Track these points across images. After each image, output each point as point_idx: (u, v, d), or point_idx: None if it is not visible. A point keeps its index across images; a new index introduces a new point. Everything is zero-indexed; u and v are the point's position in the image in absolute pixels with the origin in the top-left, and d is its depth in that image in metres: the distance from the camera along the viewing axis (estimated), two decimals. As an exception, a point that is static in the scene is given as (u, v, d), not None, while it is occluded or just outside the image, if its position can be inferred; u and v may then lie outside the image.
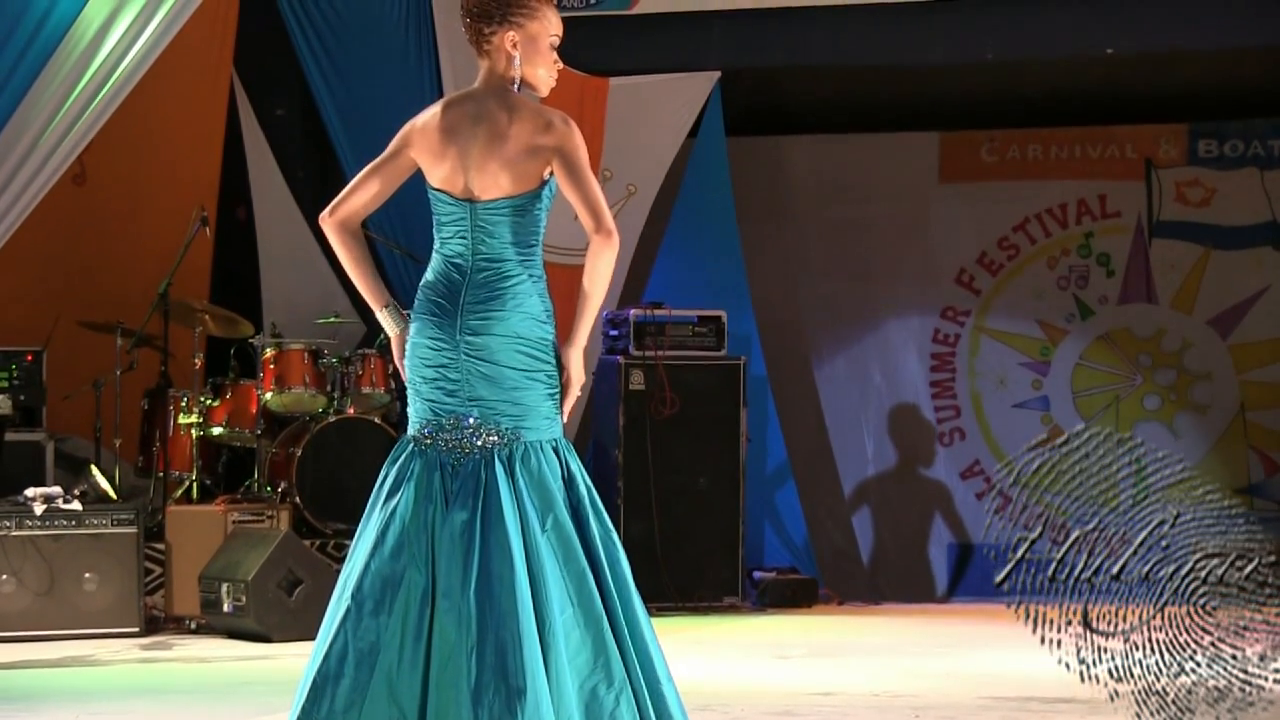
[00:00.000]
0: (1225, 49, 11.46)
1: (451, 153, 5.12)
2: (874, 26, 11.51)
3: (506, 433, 5.03)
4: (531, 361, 5.07)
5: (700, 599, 11.04)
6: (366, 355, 11.00)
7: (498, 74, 5.20)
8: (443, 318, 5.06)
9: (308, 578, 9.64)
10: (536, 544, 4.95)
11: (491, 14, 5.21)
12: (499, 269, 5.10)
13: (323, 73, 11.76)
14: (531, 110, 5.10)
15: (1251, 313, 12.23)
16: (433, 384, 5.07)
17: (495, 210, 5.09)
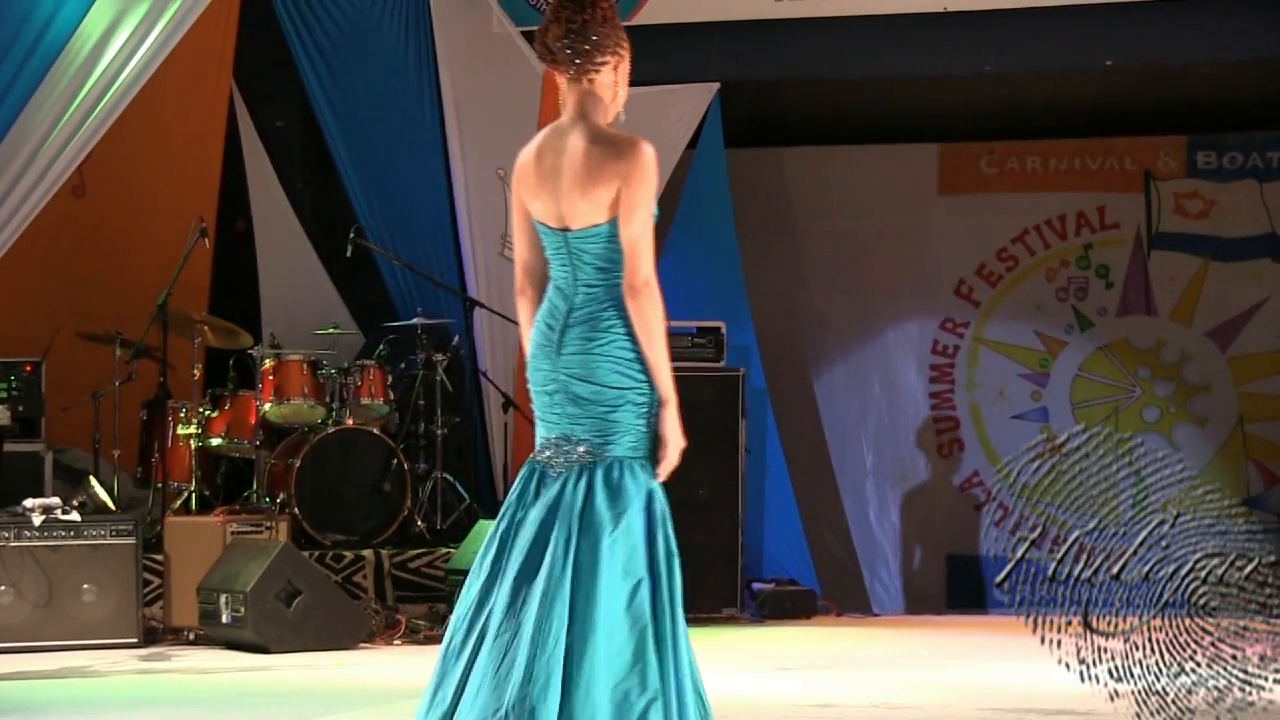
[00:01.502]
0: (1224, 62, 11.48)
1: (544, 186, 5.18)
2: (873, 39, 11.52)
3: (597, 448, 5.16)
4: (623, 380, 5.16)
5: (699, 610, 11.02)
6: (365, 366, 11.00)
7: (592, 101, 5.25)
8: (548, 343, 5.18)
9: (306, 589, 9.63)
10: (598, 549, 5.10)
11: (606, 45, 5.26)
12: (596, 294, 5.16)
13: (322, 84, 11.77)
14: (609, 138, 5.16)
15: (1250, 325, 12.23)
16: (544, 405, 5.21)
17: (587, 238, 5.14)
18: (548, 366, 5.17)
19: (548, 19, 5.25)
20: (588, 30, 5.21)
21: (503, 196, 11.91)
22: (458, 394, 11.44)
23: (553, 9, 5.26)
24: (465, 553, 10.51)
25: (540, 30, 5.28)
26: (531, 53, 11.86)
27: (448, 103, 11.84)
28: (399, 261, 11.65)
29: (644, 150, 5.11)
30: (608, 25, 5.24)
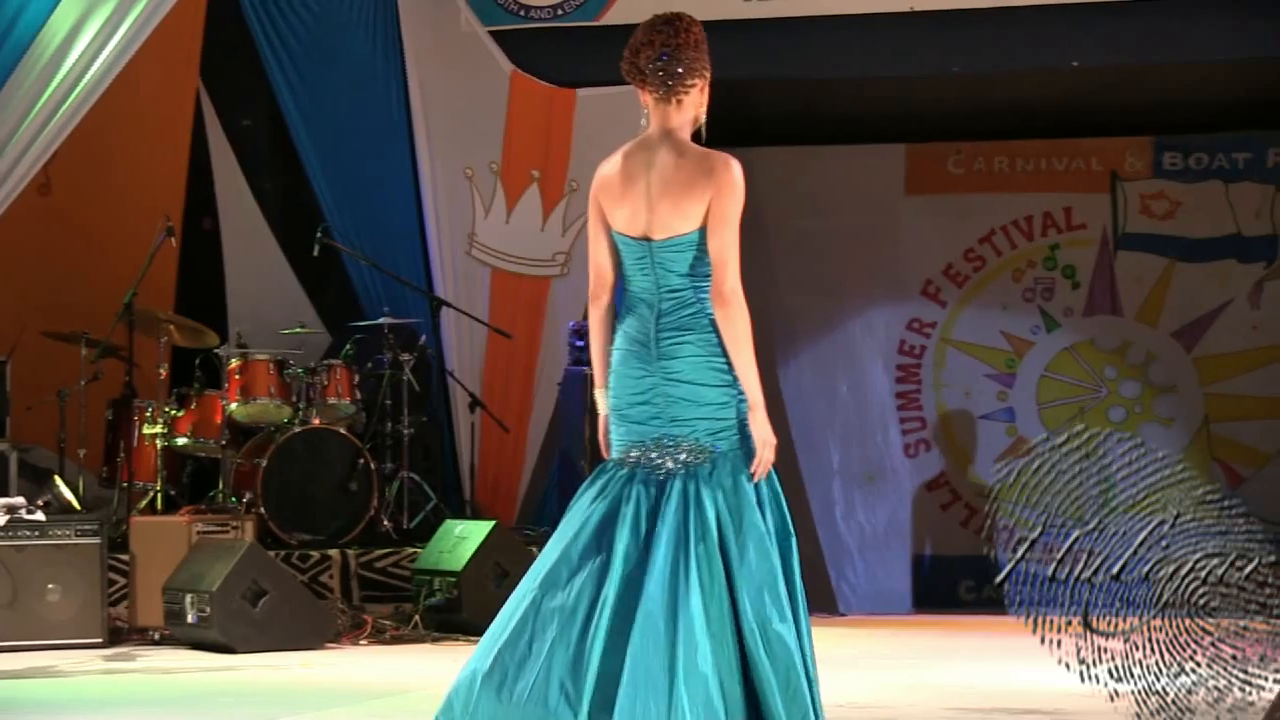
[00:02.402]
0: (1190, 63, 11.51)
1: (629, 197, 5.45)
2: (842, 39, 11.53)
3: (705, 447, 5.36)
4: (721, 377, 5.38)
5: (666, 610, 11.01)
6: (332, 366, 10.98)
7: (679, 118, 5.53)
8: (641, 349, 5.41)
9: (272, 589, 9.61)
10: (730, 546, 5.28)
11: (696, 68, 5.51)
12: (682, 298, 5.39)
13: (289, 83, 11.75)
14: (698, 154, 5.45)
15: (1216, 325, 12.26)
16: (638, 410, 5.41)
17: (671, 248, 5.39)
18: (641, 372, 5.40)
19: (640, 40, 5.50)
20: (681, 54, 5.48)
21: (470, 195, 11.91)
22: (424, 394, 11.42)
23: (646, 31, 5.51)
24: (431, 552, 10.50)
25: (630, 50, 5.53)
26: (499, 52, 11.87)
27: (415, 102, 11.82)
28: (366, 261, 11.64)
29: (734, 165, 5.41)
30: (698, 50, 5.51)
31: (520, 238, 11.95)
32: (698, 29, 5.52)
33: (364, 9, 11.80)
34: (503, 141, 11.90)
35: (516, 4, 11.94)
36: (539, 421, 11.92)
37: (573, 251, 11.96)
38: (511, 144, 11.91)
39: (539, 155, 11.93)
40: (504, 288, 11.95)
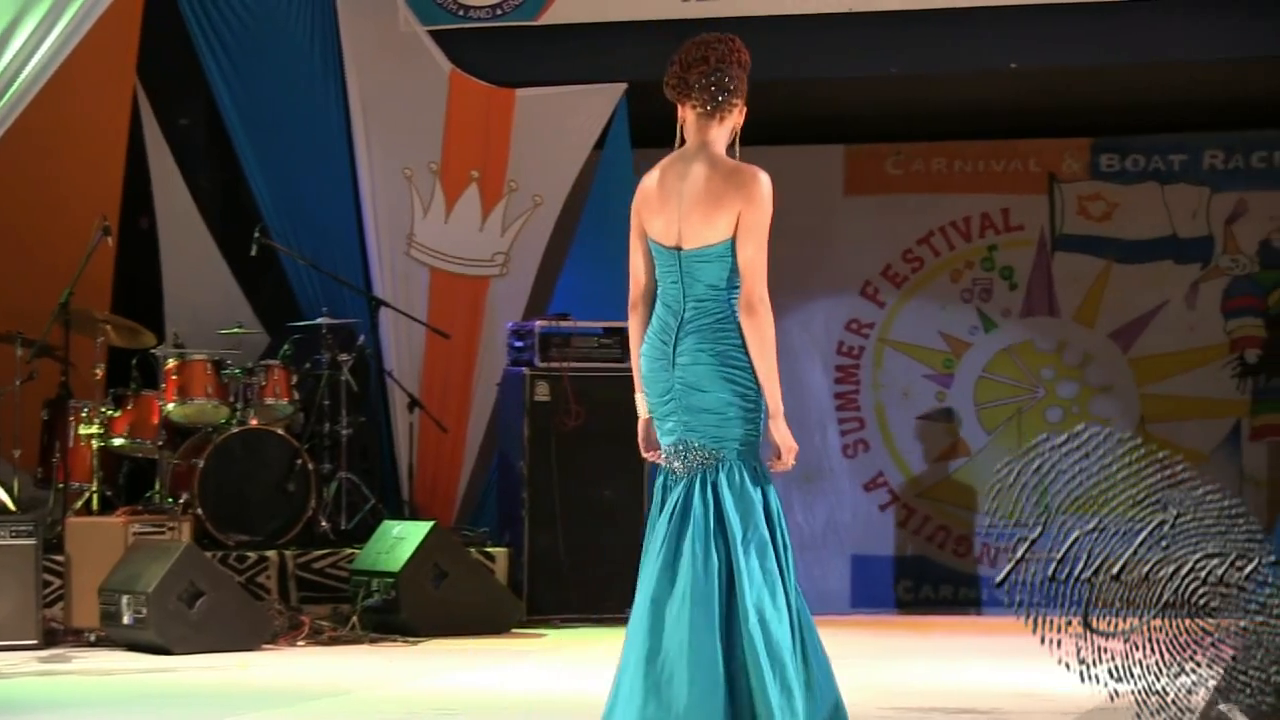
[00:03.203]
0: (1126, 65, 11.56)
1: (664, 209, 5.71)
2: (780, 40, 11.53)
3: (713, 453, 5.64)
4: (734, 387, 5.63)
5: (604, 610, 11.01)
6: (270, 366, 10.95)
7: (717, 134, 5.77)
8: (663, 356, 5.70)
9: (209, 590, 9.57)
10: (739, 555, 5.56)
11: (740, 88, 5.80)
12: (705, 308, 5.64)
13: (227, 82, 11.71)
14: (730, 167, 5.69)
15: (1152, 326, 12.33)
16: (664, 414, 5.73)
17: (700, 257, 5.63)
18: (664, 377, 5.70)
19: (692, 56, 5.79)
20: (729, 72, 5.78)
21: (408, 195, 11.88)
22: (363, 394, 11.39)
23: (699, 48, 5.81)
24: (369, 553, 10.48)
25: (680, 65, 5.80)
26: (438, 51, 11.84)
27: (354, 101, 11.79)
28: (304, 260, 11.60)
29: (762, 179, 5.64)
30: (744, 70, 5.81)
31: (459, 238, 11.93)
32: (746, 52, 5.82)
33: (302, 8, 11.76)
34: (442, 141, 11.88)
35: (455, 4, 11.92)
36: (478, 422, 11.91)
37: (512, 252, 11.94)
38: (450, 144, 11.89)
39: (478, 155, 11.91)
40: (443, 288, 11.93)
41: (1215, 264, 12.29)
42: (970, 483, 12.43)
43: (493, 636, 10.32)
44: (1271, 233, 12.24)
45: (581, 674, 9.10)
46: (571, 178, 11.96)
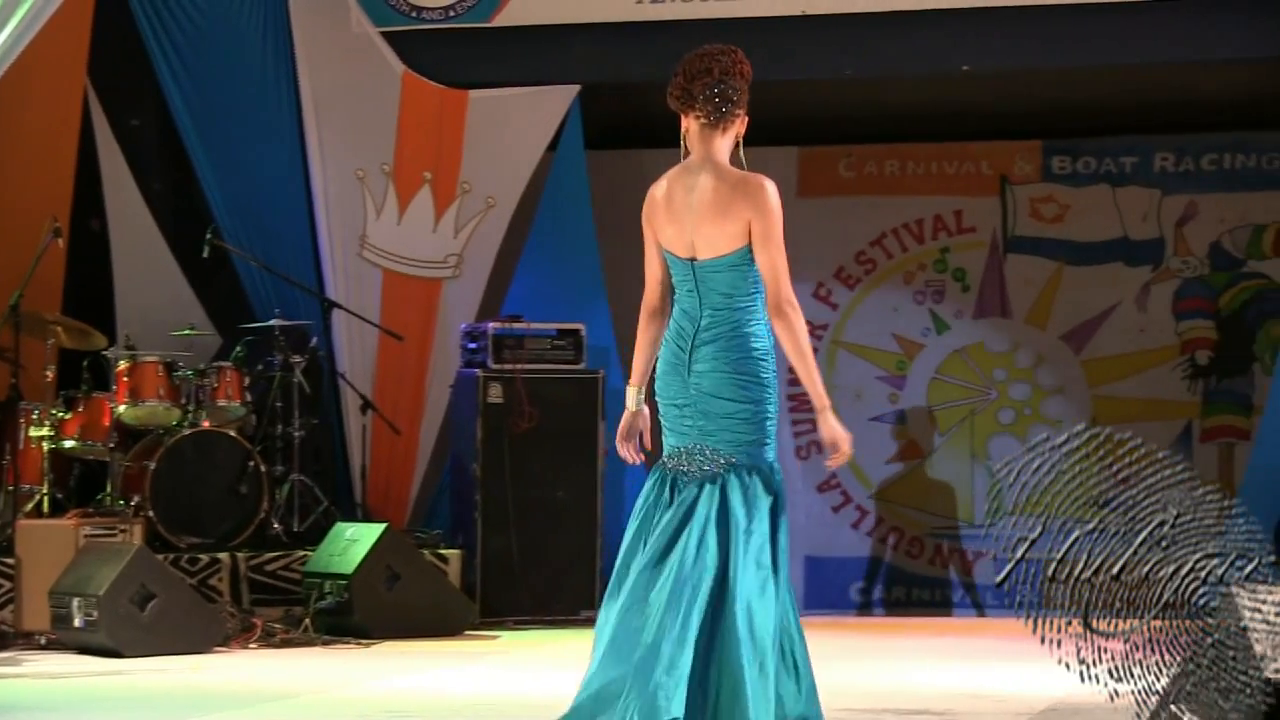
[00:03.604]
0: (1077, 68, 11.60)
1: (674, 218, 5.85)
2: (733, 42, 11.47)
3: (728, 456, 5.79)
4: (747, 394, 5.78)
5: (557, 612, 11.03)
6: (222, 368, 10.92)
7: (721, 144, 5.92)
8: (679, 363, 5.84)
9: (161, 592, 9.54)
10: (738, 546, 5.70)
11: (743, 99, 5.94)
12: (721, 316, 5.79)
13: (178, 83, 11.67)
14: (737, 178, 5.84)
15: (1103, 328, 12.37)
16: (676, 419, 5.86)
17: (714, 267, 5.79)
18: (679, 383, 5.83)
19: (697, 67, 5.94)
20: (732, 84, 5.93)
21: (361, 197, 11.86)
22: (315, 396, 11.37)
23: (703, 59, 5.97)
24: (322, 555, 10.46)
25: (684, 76, 5.95)
26: (390, 53, 11.82)
27: (306, 102, 11.77)
28: (256, 262, 11.57)
29: (769, 186, 5.81)
30: (747, 81, 5.96)
31: (412, 239, 11.91)
32: (748, 63, 5.97)
33: (254, 9, 11.72)
34: (394, 143, 11.86)
35: (408, 5, 11.91)
36: (431, 424, 11.89)
37: (465, 253, 11.93)
38: (403, 145, 11.87)
39: (431, 157, 11.89)
40: (396, 289, 11.91)
41: (1166, 266, 12.34)
42: (924, 484, 12.46)
43: (446, 638, 10.31)
44: (1222, 235, 12.30)
45: (534, 675, 9.10)
46: (525, 179, 11.95)
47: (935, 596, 12.34)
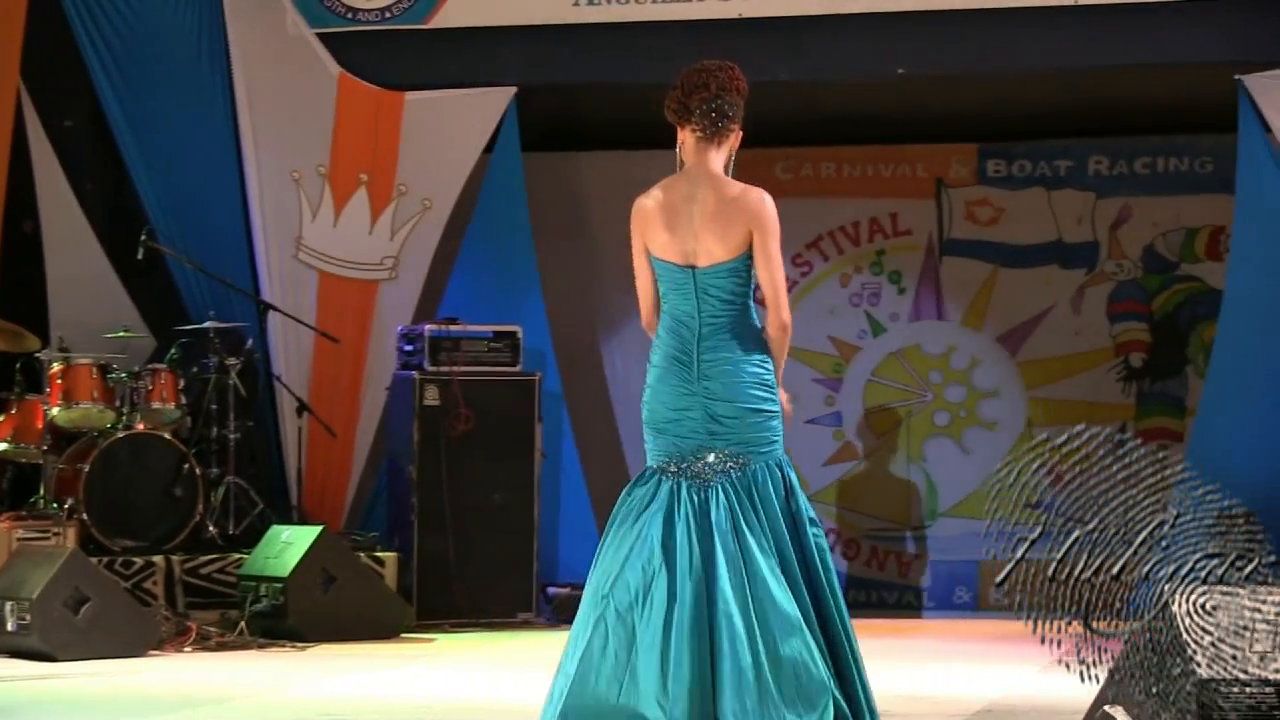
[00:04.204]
0: (1013, 71, 11.64)
1: (671, 227, 6.01)
2: (670, 44, 11.55)
3: (740, 456, 5.94)
4: (757, 396, 5.98)
5: (494, 615, 11.02)
6: (156, 370, 10.87)
7: (717, 156, 6.11)
8: (683, 369, 5.98)
9: (95, 596, 9.49)
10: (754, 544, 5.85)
11: (739, 113, 6.14)
12: (721, 322, 5.98)
13: (112, 84, 11.62)
14: (737, 190, 6.02)
15: (1039, 330, 12.42)
16: (677, 423, 5.97)
17: (713, 274, 5.97)
18: (683, 390, 5.97)
19: (695, 81, 6.12)
20: (728, 99, 6.11)
21: (297, 199, 11.82)
22: (251, 398, 11.33)
23: (700, 74, 6.13)
24: (258, 558, 10.42)
25: (682, 90, 6.12)
26: (326, 54, 11.79)
27: (241, 104, 11.72)
28: (191, 264, 11.52)
29: (768, 200, 5.99)
30: (743, 97, 6.15)
31: (348, 241, 11.88)
32: (744, 79, 6.17)
33: (189, 10, 11.67)
34: (330, 144, 11.83)
35: (344, 6, 11.88)
36: (367, 426, 11.86)
37: (401, 255, 11.90)
38: (339, 147, 11.84)
39: (367, 158, 11.86)
40: (332, 291, 11.87)
41: (1101, 269, 12.40)
42: (860, 487, 12.49)
43: (382, 641, 10.29)
44: (1155, 238, 12.37)
45: (471, 678, 9.09)
46: (461, 181, 11.93)
47: (873, 599, 12.38)
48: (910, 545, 12.45)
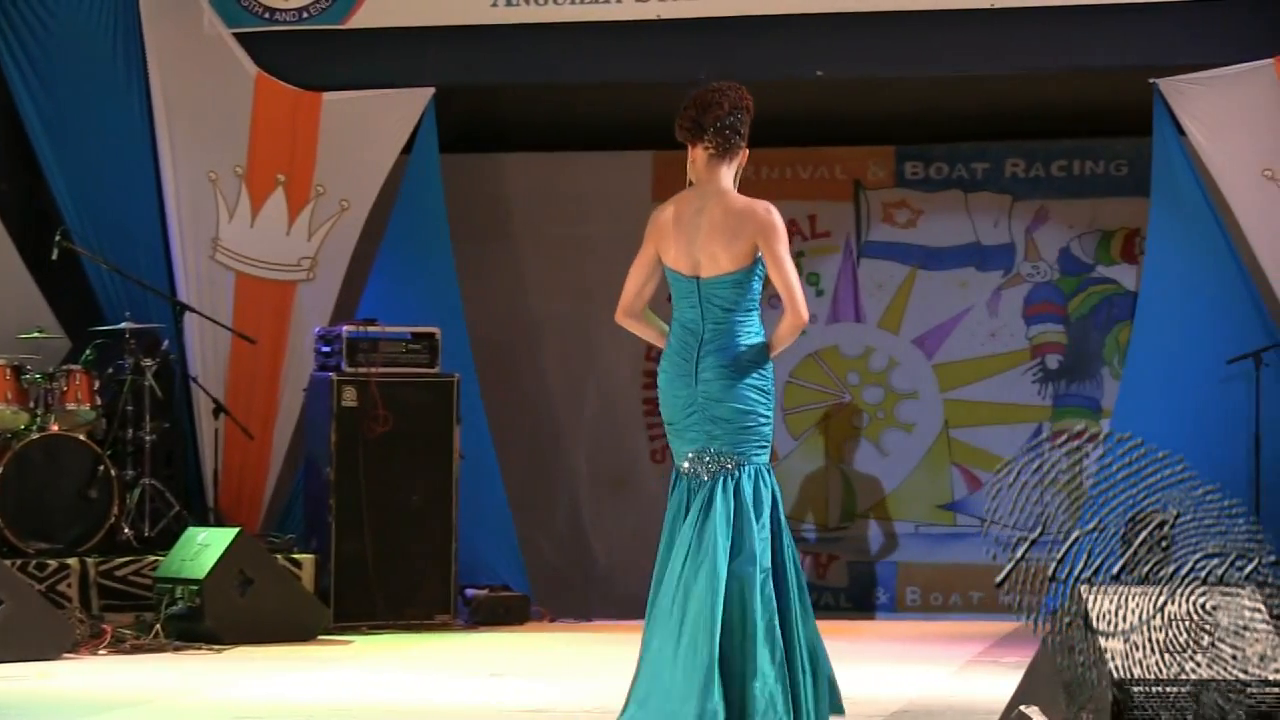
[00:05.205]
0: (930, 75, 11.69)
1: (681, 239, 6.33)
2: (589, 45, 11.56)
3: (732, 459, 6.29)
4: (752, 401, 6.30)
5: (412, 617, 10.99)
6: (71, 371, 10.79)
7: (726, 172, 6.43)
8: (685, 373, 6.36)
9: (8, 599, 9.41)
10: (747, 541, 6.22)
11: (746, 131, 6.50)
12: (722, 328, 6.30)
13: (26, 84, 11.54)
14: (744, 204, 6.34)
15: (956, 332, 12.48)
16: (684, 425, 6.37)
17: (718, 284, 6.29)
18: (686, 393, 6.35)
19: (706, 101, 6.47)
20: (739, 118, 6.47)
21: (214, 199, 11.77)
22: (167, 399, 11.26)
23: (712, 93, 6.49)
24: (173, 560, 10.36)
25: (695, 108, 6.46)
26: (243, 54, 11.74)
27: (158, 104, 11.66)
28: (106, 265, 11.45)
29: (774, 211, 6.31)
30: (749, 114, 6.50)
31: (265, 242, 11.83)
32: (751, 98, 6.53)
33: (104, 9, 11.60)
34: (247, 145, 11.78)
35: (261, 6, 11.82)
36: (284, 428, 11.82)
37: (319, 256, 11.86)
38: (256, 147, 11.79)
39: (284, 159, 11.82)
40: (249, 292, 11.82)
41: (1017, 271, 12.48)
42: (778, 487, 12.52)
43: (299, 643, 10.25)
44: (1071, 240, 12.45)
45: (388, 680, 9.07)
46: (379, 182, 11.90)
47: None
48: (827, 546, 12.49)
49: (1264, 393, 10.78)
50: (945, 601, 12.39)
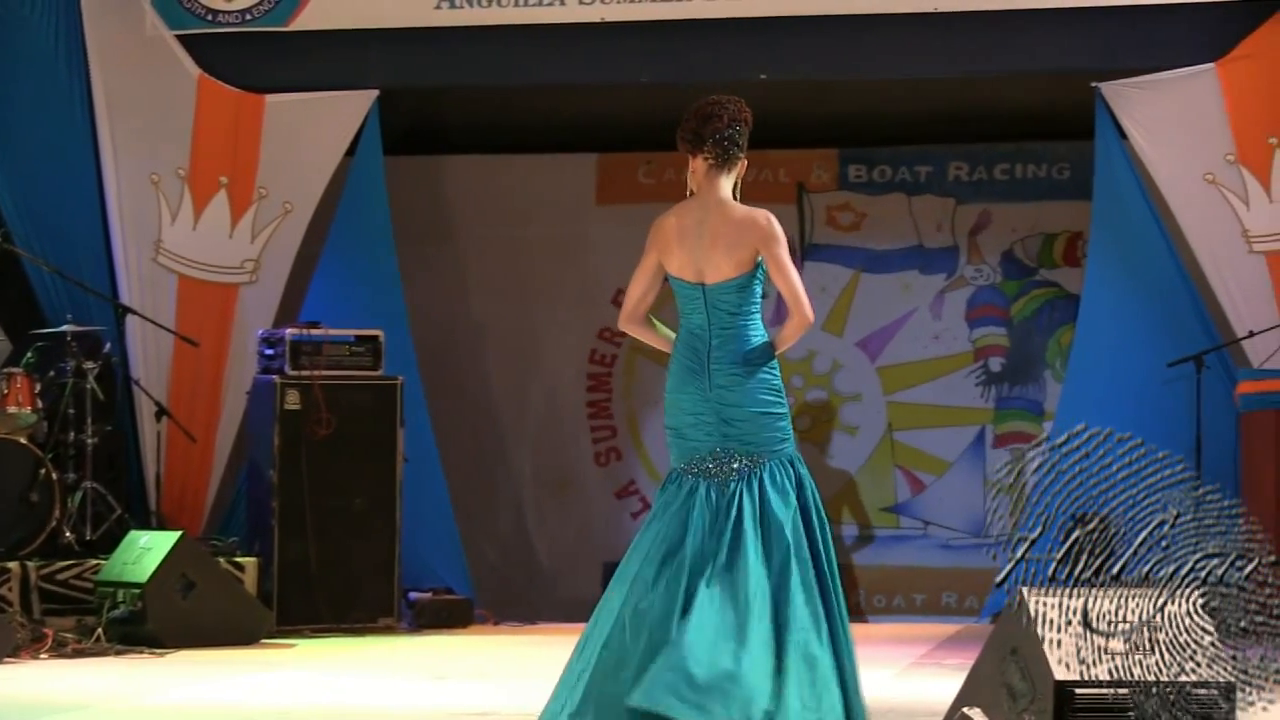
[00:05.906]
0: (874, 78, 11.72)
1: (685, 248, 6.53)
2: (533, 48, 11.56)
3: (753, 455, 6.39)
4: (765, 400, 6.43)
5: (355, 620, 10.98)
6: (12, 374, 10.73)
7: (727, 182, 6.63)
8: (696, 377, 6.48)
9: (-51, 603, 9.37)
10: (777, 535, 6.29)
11: (745, 143, 6.69)
12: (730, 333, 6.47)
13: (-34, 84, 11.50)
14: (744, 213, 6.55)
15: (899, 335, 12.52)
16: (694, 428, 6.47)
17: (722, 290, 6.47)
18: (698, 397, 6.47)
19: (707, 111, 6.67)
20: (739, 129, 6.67)
21: (156, 201, 11.72)
22: (109, 402, 11.21)
23: (713, 105, 6.71)
24: (115, 564, 10.33)
25: (696, 119, 6.66)
26: (186, 56, 11.70)
27: (99, 106, 11.62)
28: (48, 267, 11.40)
29: (773, 220, 6.52)
30: (748, 126, 6.70)
31: (208, 244, 11.80)
32: (749, 110, 6.73)
33: (45, 10, 11.55)
34: (190, 147, 11.74)
35: (203, 8, 11.78)
36: (227, 431, 11.78)
37: (262, 258, 11.83)
38: (199, 149, 11.76)
39: (227, 161, 11.78)
40: (191, 295, 11.78)
41: (960, 274, 12.52)
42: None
43: (242, 647, 10.23)
44: (1014, 244, 12.50)
45: (331, 684, 9.05)
46: (322, 184, 11.87)
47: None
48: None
49: (1205, 395, 10.83)
50: (889, 604, 12.42)
